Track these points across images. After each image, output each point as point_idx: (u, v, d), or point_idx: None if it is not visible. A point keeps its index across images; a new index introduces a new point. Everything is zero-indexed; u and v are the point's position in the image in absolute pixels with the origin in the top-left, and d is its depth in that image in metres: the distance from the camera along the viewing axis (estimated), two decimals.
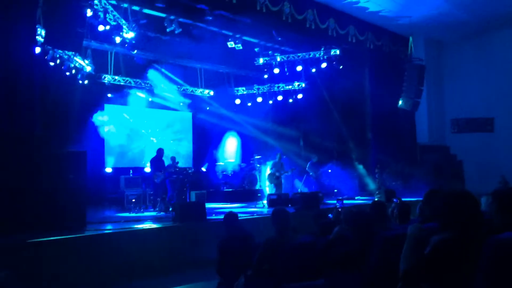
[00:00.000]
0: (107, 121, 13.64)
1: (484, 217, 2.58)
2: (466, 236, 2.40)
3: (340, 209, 5.90)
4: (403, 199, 5.99)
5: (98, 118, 13.23)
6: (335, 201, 9.80)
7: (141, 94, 14.05)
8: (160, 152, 11.29)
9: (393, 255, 2.99)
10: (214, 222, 8.12)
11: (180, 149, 15.19)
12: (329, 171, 13.94)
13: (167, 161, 11.60)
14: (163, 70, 14.42)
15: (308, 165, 13.88)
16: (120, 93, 13.64)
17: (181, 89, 15.26)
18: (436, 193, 4.33)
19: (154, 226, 7.98)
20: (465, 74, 16.46)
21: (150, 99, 14.28)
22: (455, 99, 16.63)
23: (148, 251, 7.02)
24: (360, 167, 14.92)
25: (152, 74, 13.98)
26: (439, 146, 15.78)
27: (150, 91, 14.22)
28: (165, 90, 14.49)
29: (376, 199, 11.19)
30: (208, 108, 16.12)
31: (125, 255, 6.74)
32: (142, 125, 14.78)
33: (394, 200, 5.69)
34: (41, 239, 6.06)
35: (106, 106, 13.79)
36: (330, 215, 5.78)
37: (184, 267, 7.04)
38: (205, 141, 15.87)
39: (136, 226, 7.95)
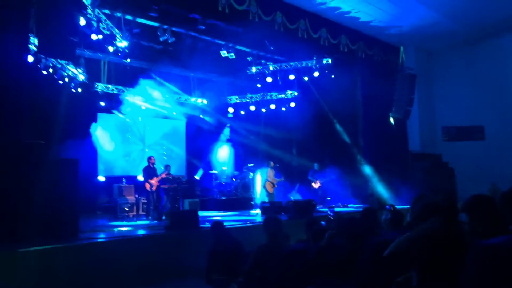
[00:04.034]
0: (100, 130, 13.61)
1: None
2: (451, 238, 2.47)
3: (332, 217, 5.94)
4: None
5: (91, 126, 13.21)
6: (327, 209, 9.83)
7: (135, 100, 13.99)
8: (150, 159, 11.27)
9: (384, 262, 3.03)
10: (207, 231, 8.10)
11: (173, 157, 15.18)
12: (333, 174, 13.85)
13: (160, 169, 11.59)
14: (157, 78, 14.45)
15: (310, 173, 13.94)
16: (113, 102, 13.64)
17: (175, 98, 15.29)
18: (422, 197, 4.40)
19: (147, 234, 7.97)
20: (455, 83, 16.63)
21: (143, 108, 14.27)
22: (446, 107, 16.78)
23: (141, 260, 6.99)
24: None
25: (145, 83, 14.00)
26: (431, 154, 15.87)
27: (144, 99, 14.21)
28: (158, 99, 14.49)
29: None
30: (201, 117, 16.15)
31: (117, 264, 6.71)
32: (135, 133, 14.76)
33: (387, 207, 5.74)
34: (32, 248, 6.02)
35: (99, 114, 13.77)
36: (322, 222, 5.82)
37: (178, 276, 7.02)
38: (198, 149, 15.87)
39: (129, 234, 7.93)
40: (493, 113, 15.57)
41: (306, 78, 14.45)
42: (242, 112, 16.49)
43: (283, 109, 15.97)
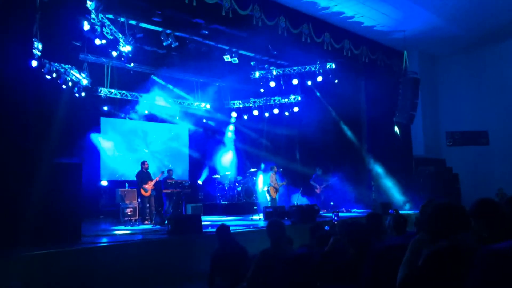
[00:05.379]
0: (103, 134, 13.63)
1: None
2: (456, 247, 2.41)
3: (336, 222, 5.91)
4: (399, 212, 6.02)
5: (94, 131, 13.24)
6: (331, 214, 9.78)
7: (139, 105, 14.08)
8: (143, 164, 11.20)
9: (387, 267, 2.99)
10: (210, 235, 8.07)
11: (176, 162, 15.17)
12: (335, 179, 13.79)
13: (156, 173, 11.56)
14: (160, 83, 14.48)
15: (312, 177, 13.90)
16: (116, 106, 13.69)
17: (178, 102, 15.31)
18: (431, 203, 4.34)
19: (149, 239, 7.94)
20: (459, 87, 16.60)
21: (146, 112, 14.30)
22: (450, 112, 16.74)
23: (143, 264, 6.96)
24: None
25: (149, 87, 14.03)
26: (435, 159, 15.81)
27: (147, 104, 14.24)
28: (162, 103, 14.52)
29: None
30: (204, 121, 16.16)
31: (120, 268, 6.68)
32: (138, 138, 14.77)
33: (391, 211, 5.73)
34: (35, 252, 6.01)
35: (102, 119, 13.79)
36: (326, 227, 5.79)
37: (180, 281, 6.99)
38: (201, 154, 15.86)
39: (131, 239, 7.90)
40: (497, 118, 15.51)
41: (309, 83, 14.45)
42: (245, 117, 16.49)
43: (287, 113, 15.95)
